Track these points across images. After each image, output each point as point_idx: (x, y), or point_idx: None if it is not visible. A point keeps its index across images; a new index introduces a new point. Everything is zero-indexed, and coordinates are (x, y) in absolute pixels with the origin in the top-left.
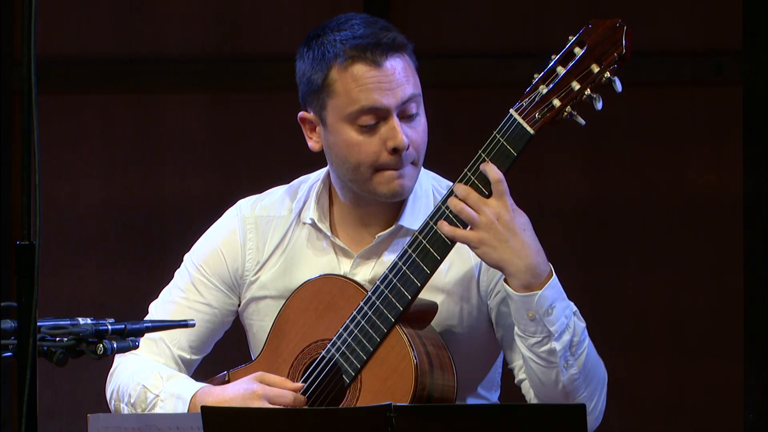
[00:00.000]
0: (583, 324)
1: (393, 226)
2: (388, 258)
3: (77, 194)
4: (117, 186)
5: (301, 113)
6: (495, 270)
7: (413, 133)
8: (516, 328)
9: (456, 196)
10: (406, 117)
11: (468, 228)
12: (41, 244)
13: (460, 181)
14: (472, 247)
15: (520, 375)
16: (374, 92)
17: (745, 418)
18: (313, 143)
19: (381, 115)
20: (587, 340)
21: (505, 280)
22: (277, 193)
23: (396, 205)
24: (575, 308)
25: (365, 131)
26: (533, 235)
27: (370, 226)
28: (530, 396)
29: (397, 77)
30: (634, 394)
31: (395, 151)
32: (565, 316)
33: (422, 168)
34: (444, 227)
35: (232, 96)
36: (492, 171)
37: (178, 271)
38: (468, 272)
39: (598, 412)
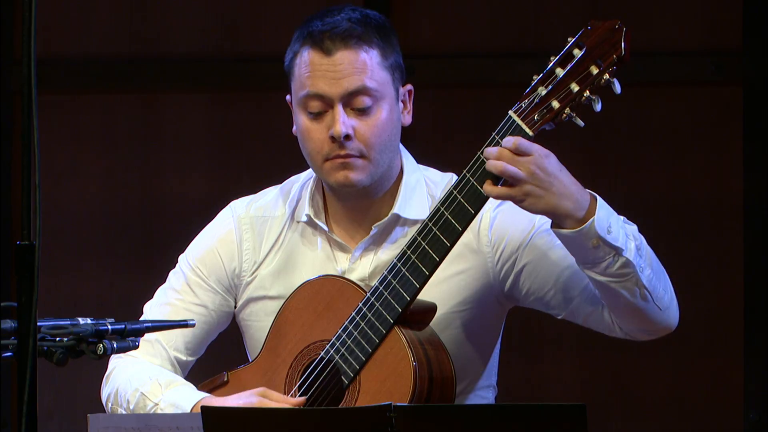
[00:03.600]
0: (634, 225)
1: (389, 216)
2: (386, 251)
3: (77, 194)
4: (117, 186)
5: (288, 96)
6: (500, 237)
7: (362, 126)
8: (581, 265)
9: (489, 157)
10: (356, 109)
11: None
12: (41, 244)
13: (459, 183)
14: (517, 201)
15: (583, 309)
16: (320, 80)
17: (745, 418)
18: (294, 128)
19: (327, 102)
20: (643, 238)
21: (554, 225)
22: (270, 193)
23: (388, 197)
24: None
25: (314, 118)
26: (567, 171)
27: (363, 219)
28: (611, 318)
29: (345, 68)
30: (634, 393)
31: (334, 139)
32: (621, 227)
33: (413, 162)
34: (487, 187)
35: (232, 96)
36: (509, 140)
37: (172, 272)
38: (463, 248)
39: (675, 304)
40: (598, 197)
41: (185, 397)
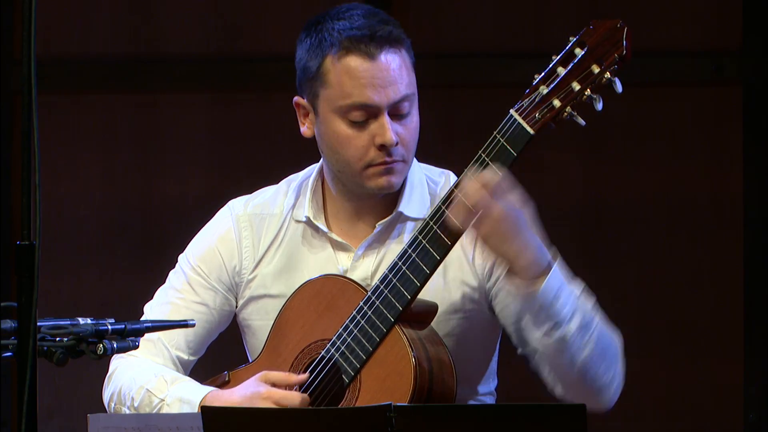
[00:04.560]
0: (590, 303)
1: (393, 214)
2: (389, 248)
3: (77, 194)
4: (117, 186)
5: (296, 98)
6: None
7: (404, 131)
8: (526, 317)
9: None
10: (397, 115)
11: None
12: (41, 244)
13: (460, 182)
14: (482, 239)
15: (534, 357)
16: (367, 89)
17: (745, 418)
18: (305, 129)
19: (372, 112)
20: (597, 317)
21: (507, 276)
22: (268, 192)
23: (391, 195)
24: (582, 286)
25: (355, 126)
26: (533, 232)
27: (366, 218)
28: (549, 379)
29: (391, 74)
30: (634, 394)
31: (383, 147)
32: (571, 301)
33: (415, 160)
34: (457, 216)
35: (232, 96)
36: (490, 174)
37: (172, 272)
38: (461, 255)
39: (617, 384)
40: (555, 265)
41: (192, 391)
